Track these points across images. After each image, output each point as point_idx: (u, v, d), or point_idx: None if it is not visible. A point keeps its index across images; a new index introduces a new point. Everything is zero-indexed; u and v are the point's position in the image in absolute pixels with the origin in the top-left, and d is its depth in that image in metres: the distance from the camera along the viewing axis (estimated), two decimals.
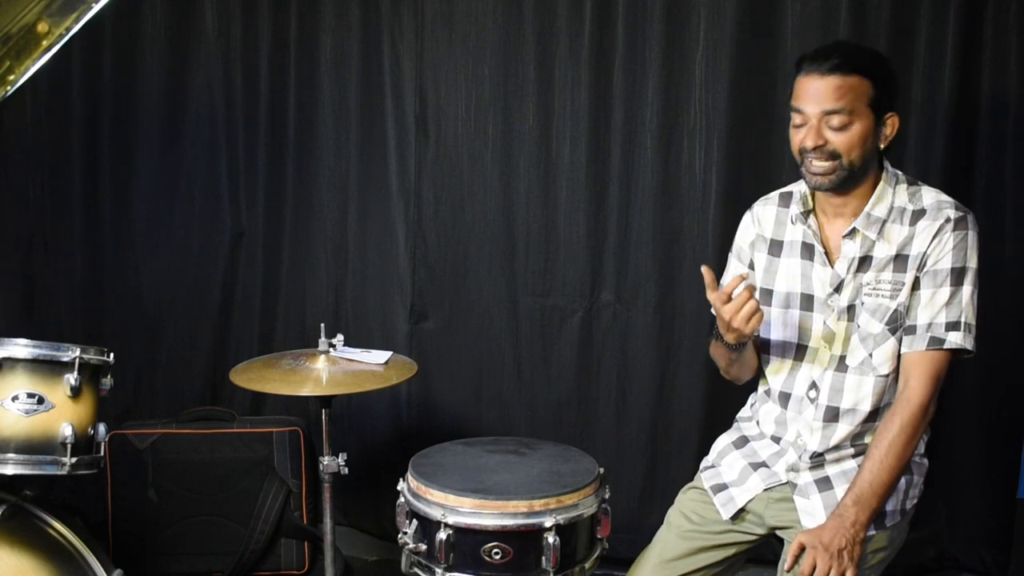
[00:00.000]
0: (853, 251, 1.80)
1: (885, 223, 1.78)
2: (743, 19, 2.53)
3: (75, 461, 1.99)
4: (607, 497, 1.93)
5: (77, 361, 1.99)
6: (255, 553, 2.70)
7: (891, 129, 1.77)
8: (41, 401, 1.97)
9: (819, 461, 1.84)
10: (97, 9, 2.15)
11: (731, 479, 1.94)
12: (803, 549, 1.66)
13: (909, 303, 1.76)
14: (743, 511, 1.90)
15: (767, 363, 1.95)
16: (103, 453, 2.11)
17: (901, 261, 1.76)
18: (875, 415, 1.81)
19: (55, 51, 2.17)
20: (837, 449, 1.83)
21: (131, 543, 2.67)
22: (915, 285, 1.76)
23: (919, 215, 1.77)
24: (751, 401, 2.07)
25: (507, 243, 2.78)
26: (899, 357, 1.78)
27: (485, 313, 2.82)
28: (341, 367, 2.21)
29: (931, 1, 2.43)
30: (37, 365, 1.98)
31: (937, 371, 1.74)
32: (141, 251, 2.98)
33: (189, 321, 3.00)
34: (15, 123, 2.91)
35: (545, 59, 2.68)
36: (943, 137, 2.45)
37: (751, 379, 2.02)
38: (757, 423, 1.99)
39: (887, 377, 1.79)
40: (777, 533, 1.90)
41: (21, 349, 1.97)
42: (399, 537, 1.91)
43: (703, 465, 2.03)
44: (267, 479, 2.72)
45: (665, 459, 2.74)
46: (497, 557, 1.80)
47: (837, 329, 1.82)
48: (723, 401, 2.32)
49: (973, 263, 1.74)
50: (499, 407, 2.84)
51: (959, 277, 1.73)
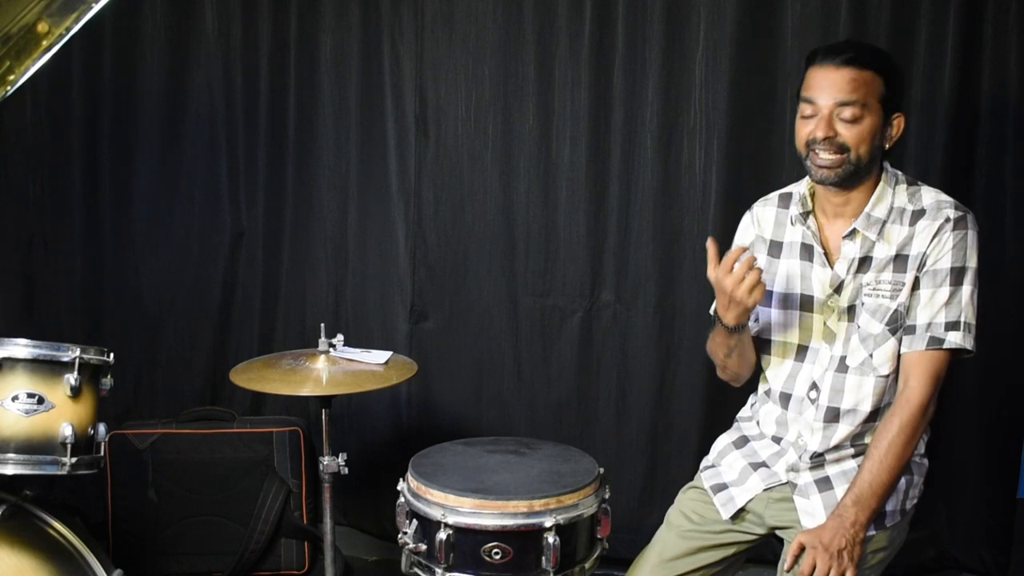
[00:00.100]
0: (853, 252, 1.80)
1: (885, 223, 1.78)
2: (743, 19, 2.53)
3: (75, 461, 1.99)
4: (607, 497, 1.93)
5: (77, 361, 1.99)
6: (255, 553, 2.70)
7: (896, 130, 1.78)
8: (41, 401, 1.97)
9: (819, 461, 1.84)
10: (97, 9, 2.15)
11: (731, 479, 1.94)
12: (803, 549, 1.66)
13: (909, 303, 1.76)
14: (743, 511, 1.90)
15: (767, 364, 1.95)
16: (103, 453, 2.11)
17: (901, 261, 1.76)
18: (875, 415, 1.81)
19: (55, 51, 2.17)
20: (837, 449, 1.83)
21: (131, 543, 2.67)
22: (915, 285, 1.76)
23: (919, 215, 1.77)
24: (751, 401, 2.06)
25: (507, 243, 2.78)
26: (899, 357, 1.78)
27: (485, 313, 2.82)
28: (341, 367, 2.21)
29: (931, 1, 2.43)
30: (37, 365, 1.98)
31: (937, 371, 1.74)
32: (141, 251, 2.97)
33: (189, 321, 3.00)
34: (15, 123, 2.91)
35: (545, 59, 2.68)
36: (943, 137, 2.45)
37: (750, 379, 2.02)
38: (757, 423, 1.99)
39: (887, 377, 1.79)
40: (777, 533, 1.90)
41: (21, 349, 1.97)
42: (399, 537, 1.91)
43: (703, 465, 2.03)
44: (267, 479, 2.72)
45: (665, 459, 2.74)
46: (497, 557, 1.80)
47: (837, 330, 1.82)
48: (723, 401, 2.31)
49: (973, 263, 1.74)
50: (499, 407, 2.84)
51: (959, 277, 1.73)
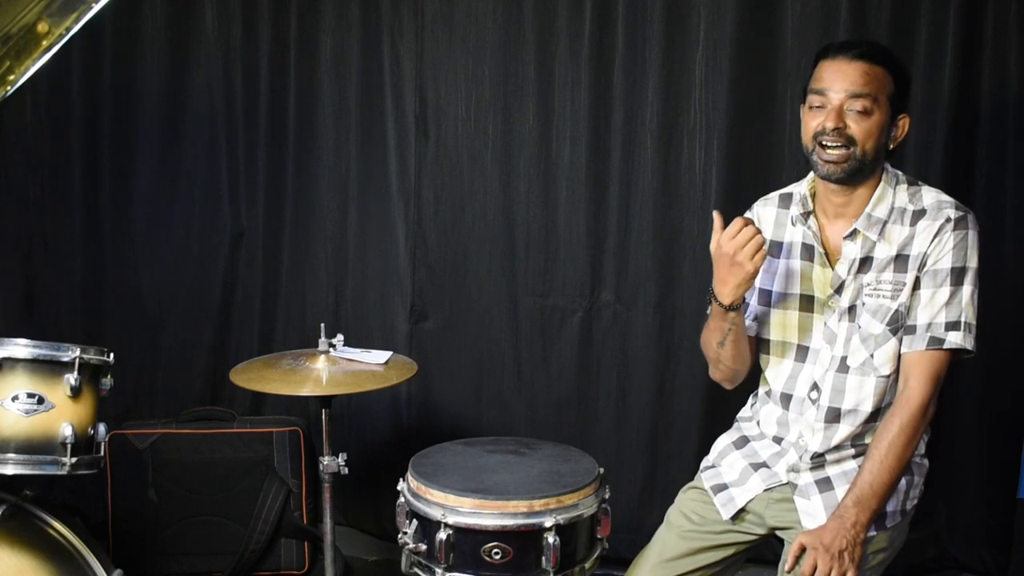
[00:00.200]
0: (854, 252, 1.79)
1: (886, 224, 1.78)
2: (743, 19, 2.53)
3: (75, 461, 1.98)
4: (607, 497, 1.93)
5: (77, 361, 1.99)
6: (255, 553, 2.70)
7: (901, 131, 1.79)
8: (41, 401, 1.97)
9: (820, 462, 1.84)
10: (97, 9, 2.15)
11: (731, 479, 1.94)
12: (804, 550, 1.66)
13: (910, 303, 1.76)
14: (743, 511, 1.90)
15: (767, 364, 1.95)
16: (103, 453, 2.11)
17: (902, 261, 1.76)
18: (876, 415, 1.80)
19: (55, 51, 2.17)
20: (838, 449, 1.83)
21: (131, 543, 2.67)
22: (916, 285, 1.76)
23: (919, 215, 1.77)
24: (751, 401, 2.06)
25: (507, 243, 2.78)
26: (900, 357, 1.78)
27: (485, 313, 2.81)
28: (341, 367, 2.21)
29: (931, 1, 2.43)
30: (37, 365, 1.97)
31: (937, 371, 1.74)
32: (141, 251, 2.97)
33: (189, 321, 2.99)
34: (15, 123, 2.91)
35: (545, 59, 2.68)
36: (943, 137, 2.45)
37: (749, 380, 2.01)
38: (758, 423, 1.99)
39: (888, 377, 1.79)
40: (777, 533, 1.90)
41: (21, 349, 1.96)
42: (399, 537, 1.91)
43: (703, 465, 2.03)
44: (267, 479, 2.72)
45: (665, 459, 2.74)
46: (497, 557, 1.80)
47: (838, 330, 1.82)
48: (723, 401, 2.31)
49: (973, 263, 1.74)
50: (499, 407, 2.84)
51: (959, 277, 1.73)
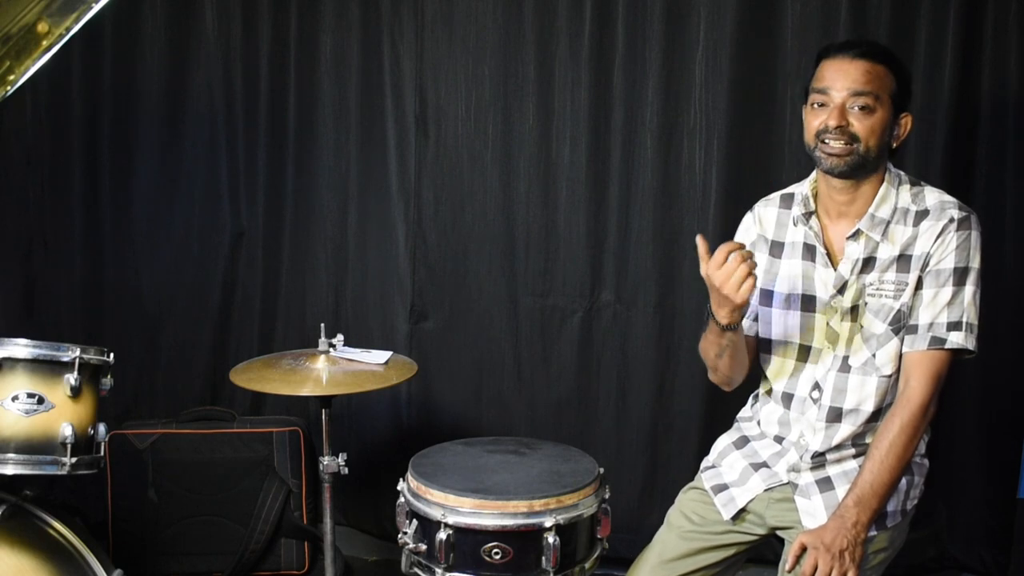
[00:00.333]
0: (857, 252, 1.79)
1: (889, 224, 1.78)
2: (743, 19, 2.53)
3: (75, 461, 1.98)
4: (607, 497, 1.93)
5: (77, 361, 1.99)
6: (255, 553, 2.70)
7: (904, 130, 1.79)
8: (41, 401, 1.96)
9: (820, 461, 1.84)
10: (97, 9, 2.15)
11: (732, 479, 1.93)
12: (804, 550, 1.67)
13: (912, 303, 1.76)
14: (744, 511, 1.90)
15: (769, 364, 1.95)
16: (103, 453, 2.11)
17: (904, 261, 1.76)
18: (877, 415, 1.81)
19: (55, 51, 2.17)
20: (839, 449, 1.83)
21: (131, 543, 2.67)
22: (918, 285, 1.76)
23: (922, 215, 1.77)
24: (751, 401, 2.06)
25: (507, 243, 2.78)
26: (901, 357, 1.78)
27: (485, 313, 2.81)
28: (341, 367, 2.21)
29: (931, 1, 2.43)
30: (37, 365, 1.97)
31: (938, 371, 1.74)
32: (141, 251, 2.97)
33: (189, 321, 2.99)
34: (15, 123, 2.91)
35: (545, 59, 2.68)
36: (943, 137, 2.45)
37: (747, 380, 2.01)
38: (758, 423, 1.99)
39: (890, 377, 1.79)
40: (778, 533, 1.89)
41: (21, 349, 1.96)
42: (399, 537, 1.90)
43: (703, 465, 2.03)
44: (267, 479, 2.72)
45: (665, 459, 2.74)
46: (497, 557, 1.80)
47: (841, 330, 1.82)
48: (723, 401, 2.31)
49: (976, 263, 1.74)
50: (499, 407, 2.84)
51: (961, 277, 1.73)
